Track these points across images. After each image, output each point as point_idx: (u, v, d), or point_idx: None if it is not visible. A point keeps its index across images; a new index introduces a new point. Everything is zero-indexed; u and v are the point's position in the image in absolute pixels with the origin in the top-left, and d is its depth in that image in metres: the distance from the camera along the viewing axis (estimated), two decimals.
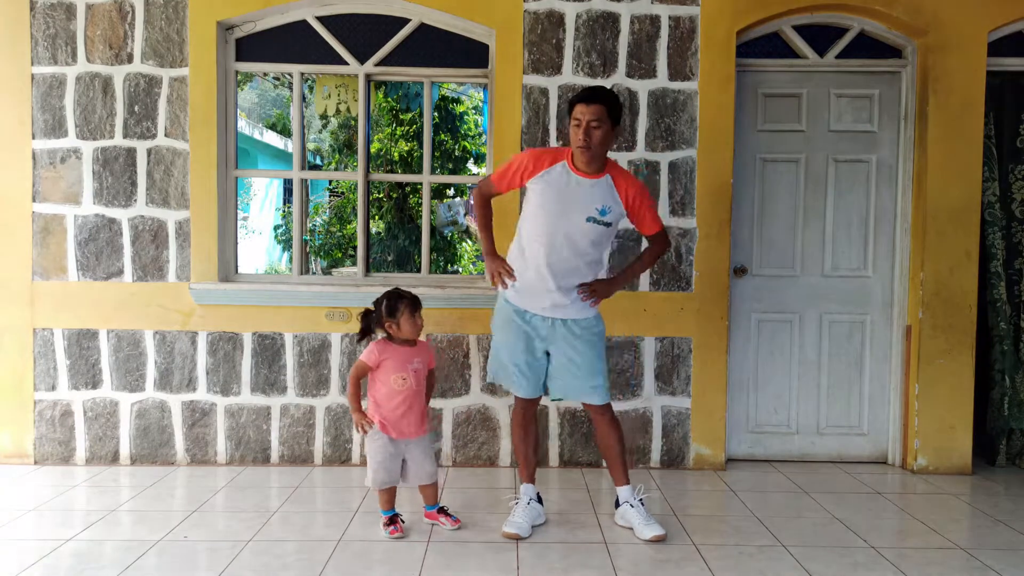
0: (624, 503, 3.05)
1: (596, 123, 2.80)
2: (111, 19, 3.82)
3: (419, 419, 2.99)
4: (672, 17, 3.85)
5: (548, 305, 2.95)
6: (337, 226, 9.50)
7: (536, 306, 2.97)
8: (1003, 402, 3.98)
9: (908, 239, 3.98)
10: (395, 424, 2.95)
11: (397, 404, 2.94)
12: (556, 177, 2.91)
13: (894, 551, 2.85)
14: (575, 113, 2.84)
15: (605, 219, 2.89)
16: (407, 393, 2.94)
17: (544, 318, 2.98)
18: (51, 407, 3.86)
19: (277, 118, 12.91)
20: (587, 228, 2.89)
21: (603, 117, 2.80)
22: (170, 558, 2.70)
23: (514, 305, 3.01)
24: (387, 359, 2.95)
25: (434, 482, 3.06)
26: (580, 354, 2.98)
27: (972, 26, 3.83)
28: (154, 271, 3.87)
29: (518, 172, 2.96)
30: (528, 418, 3.15)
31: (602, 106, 2.81)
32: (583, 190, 2.88)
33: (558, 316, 2.97)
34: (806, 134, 4.04)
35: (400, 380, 2.93)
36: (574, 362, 2.99)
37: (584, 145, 2.82)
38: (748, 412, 4.09)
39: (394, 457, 2.96)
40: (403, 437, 2.96)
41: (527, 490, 3.11)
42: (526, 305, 2.99)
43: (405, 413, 2.95)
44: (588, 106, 2.80)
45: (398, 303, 2.94)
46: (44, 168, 3.83)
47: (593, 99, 2.81)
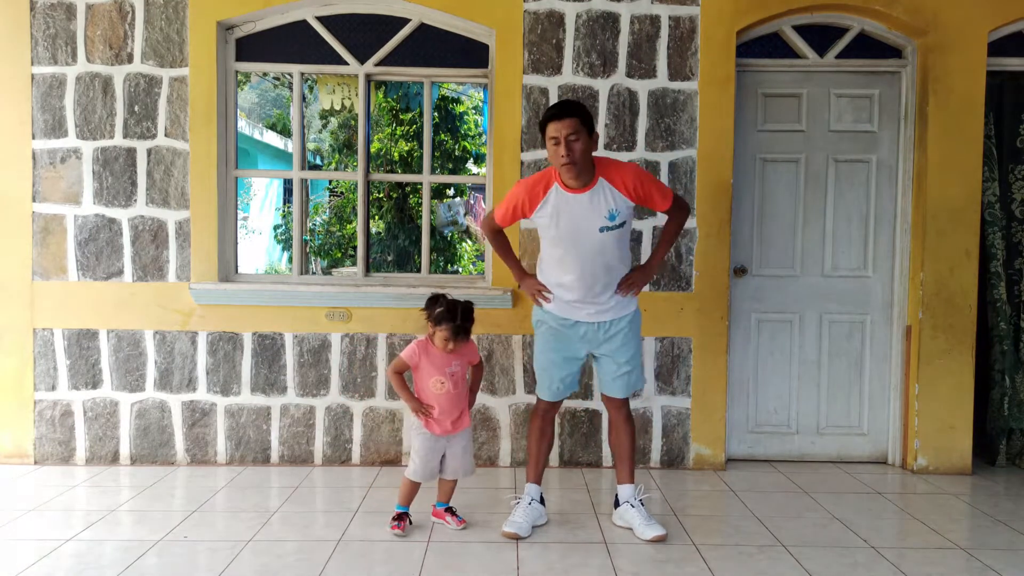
0: (624, 503, 3.05)
1: (574, 136, 2.75)
2: (111, 19, 3.82)
3: (459, 416, 3.01)
4: (672, 17, 3.85)
5: (592, 312, 2.97)
6: (337, 226, 9.50)
7: (579, 315, 2.98)
8: (1003, 402, 3.98)
9: (908, 239, 3.98)
10: (438, 422, 2.97)
11: (437, 406, 2.95)
12: (555, 204, 2.88)
13: (894, 551, 2.85)
14: (550, 132, 2.77)
15: (617, 222, 2.88)
16: (446, 395, 2.95)
17: (590, 323, 2.99)
18: (51, 407, 3.86)
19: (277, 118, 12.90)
20: (603, 237, 2.88)
21: (579, 129, 2.75)
22: (170, 558, 2.71)
23: (557, 315, 3.01)
24: (425, 362, 2.96)
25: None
26: (624, 349, 3.01)
27: (972, 26, 3.83)
28: (154, 271, 3.87)
29: (518, 208, 2.96)
30: (547, 420, 3.16)
31: (575, 118, 2.75)
32: (584, 206, 2.86)
33: (605, 319, 2.98)
34: (806, 134, 4.04)
35: (439, 384, 2.94)
36: (614, 356, 3.01)
37: (568, 161, 2.76)
38: (748, 412, 4.09)
39: (436, 452, 2.99)
40: (445, 433, 2.98)
41: (531, 490, 3.10)
42: (570, 315, 2.99)
43: (446, 413, 2.96)
44: (561, 121, 2.75)
45: (444, 321, 2.89)
46: (44, 168, 3.83)
47: (564, 114, 2.76)
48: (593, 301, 2.95)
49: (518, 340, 3.90)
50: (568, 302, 2.98)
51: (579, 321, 2.99)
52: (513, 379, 3.91)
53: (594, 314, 2.97)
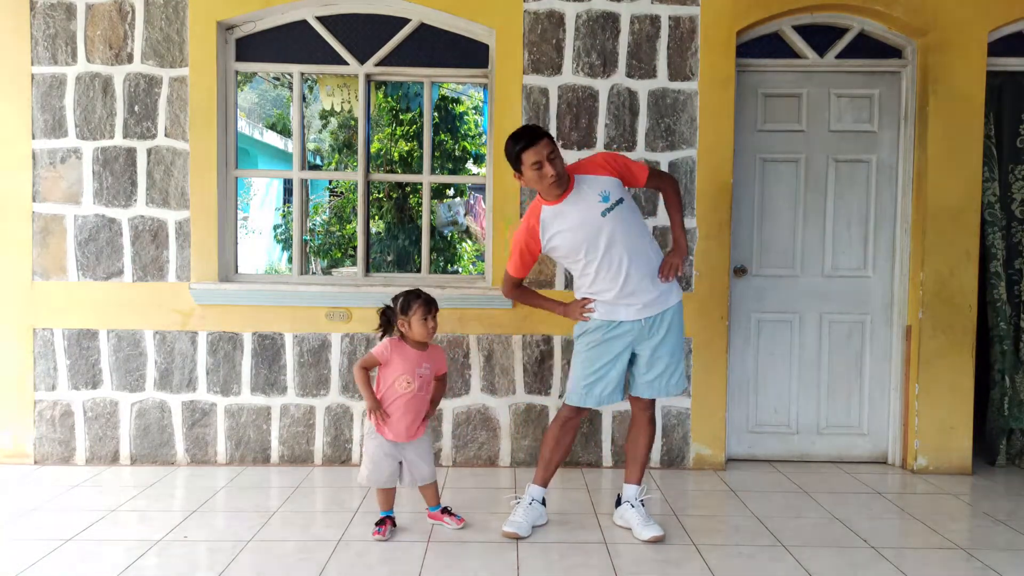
0: (625, 502, 3.05)
1: (552, 154, 2.82)
2: (111, 19, 3.82)
3: (416, 423, 2.97)
4: (672, 17, 3.85)
5: (639, 306, 2.92)
6: (337, 226, 9.49)
7: (627, 314, 2.93)
8: (1003, 402, 3.98)
9: (908, 239, 3.98)
10: (392, 425, 2.93)
11: (398, 406, 2.93)
12: (552, 221, 2.90)
13: (894, 551, 2.85)
14: (529, 159, 2.80)
15: (613, 200, 2.87)
16: (409, 397, 2.93)
17: (635, 321, 2.93)
18: (51, 407, 3.86)
19: (277, 118, 12.90)
20: (610, 220, 2.86)
21: (552, 146, 2.83)
22: (170, 558, 2.71)
23: (604, 320, 2.95)
24: (397, 359, 2.94)
25: (432, 483, 3.05)
26: (669, 345, 2.97)
27: (972, 26, 3.83)
28: (154, 271, 3.87)
29: (525, 251, 2.99)
30: (568, 429, 3.08)
31: (546, 138, 2.83)
32: (576, 205, 2.88)
33: (651, 313, 2.93)
34: (806, 134, 4.04)
35: (405, 383, 2.92)
36: (662, 355, 2.96)
37: (556, 180, 2.83)
38: (748, 412, 4.09)
39: (389, 458, 2.95)
40: (398, 440, 2.95)
41: (534, 491, 3.07)
42: (615, 316, 2.94)
43: (403, 416, 2.93)
44: (536, 146, 2.80)
45: (412, 302, 2.93)
46: (44, 168, 3.84)
47: (536, 137, 2.82)
48: (634, 293, 2.89)
49: (518, 340, 3.90)
50: (610, 302, 2.93)
51: (623, 321, 2.93)
52: (513, 379, 3.91)
53: (639, 309, 2.91)
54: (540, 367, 3.91)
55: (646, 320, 2.93)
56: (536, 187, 2.90)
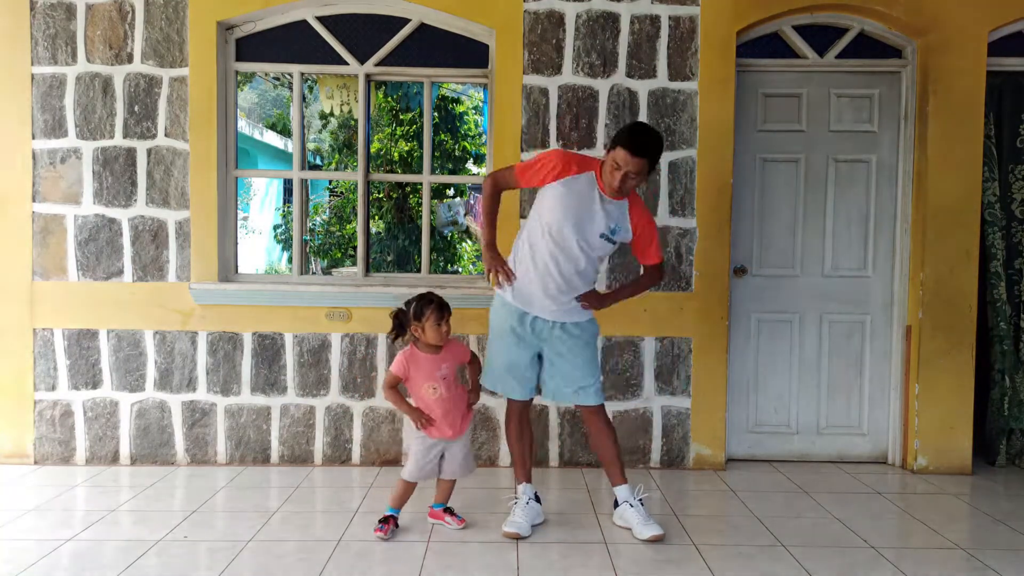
0: (623, 503, 3.05)
1: (635, 176, 2.80)
2: (111, 19, 3.82)
3: (457, 419, 2.99)
4: (672, 17, 3.85)
5: (552, 308, 2.97)
6: (337, 226, 9.50)
7: (540, 309, 2.98)
8: (1003, 402, 3.98)
9: (908, 239, 3.98)
10: (437, 428, 2.95)
11: (435, 411, 2.94)
12: (582, 186, 2.90)
13: (894, 551, 2.85)
14: (617, 155, 2.78)
15: (614, 238, 2.95)
16: (440, 400, 2.94)
17: (545, 320, 2.99)
18: (51, 407, 3.86)
19: (277, 118, 12.90)
20: (598, 243, 2.93)
21: (643, 171, 2.80)
22: (170, 558, 2.70)
23: (516, 307, 3.00)
24: (414, 371, 2.95)
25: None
26: (575, 355, 3.00)
27: (972, 26, 3.83)
28: (154, 271, 3.87)
29: (547, 170, 2.93)
30: (523, 419, 3.17)
31: (646, 160, 2.77)
32: (603, 206, 2.90)
33: (558, 319, 2.99)
34: (806, 134, 4.04)
35: (431, 390, 2.93)
36: (569, 362, 3.00)
37: (618, 193, 2.86)
38: (748, 412, 4.09)
39: (434, 453, 2.99)
40: (443, 437, 2.97)
41: (525, 490, 3.11)
42: (528, 308, 2.99)
43: (443, 417, 2.94)
44: (633, 158, 2.75)
45: (425, 307, 2.92)
46: (44, 168, 3.83)
47: (641, 152, 2.75)
48: (552, 297, 2.94)
49: None
50: (528, 293, 2.96)
51: (536, 317, 2.98)
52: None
53: (552, 312, 2.97)
54: None
55: (554, 323, 2.98)
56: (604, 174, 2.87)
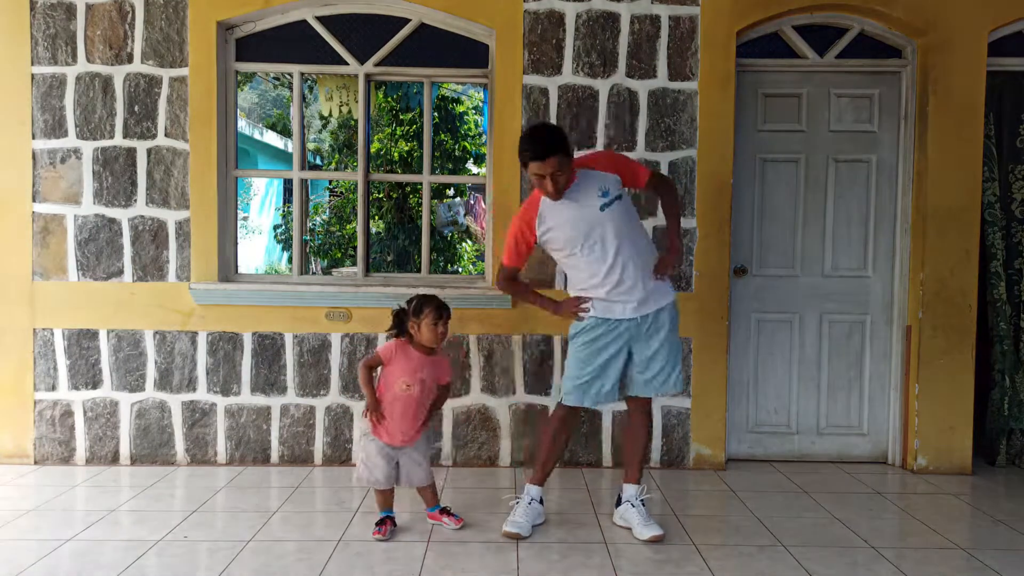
0: (626, 502, 3.05)
1: (558, 172, 2.79)
2: (111, 19, 3.82)
3: (413, 429, 2.96)
4: (672, 17, 3.85)
5: (635, 303, 2.91)
6: (337, 226, 9.50)
7: (622, 311, 2.92)
8: (1003, 402, 3.98)
9: (908, 239, 3.98)
10: (387, 427, 2.94)
11: (395, 408, 2.92)
12: (551, 213, 2.91)
13: (894, 551, 2.85)
14: (533, 170, 2.79)
15: (612, 196, 2.89)
16: (407, 400, 2.92)
17: (630, 320, 2.93)
18: (51, 407, 3.86)
19: (277, 118, 12.90)
20: (608, 216, 2.87)
21: (561, 163, 2.78)
22: (170, 558, 2.70)
23: (599, 318, 2.94)
24: (400, 359, 2.93)
25: (430, 484, 3.05)
26: (664, 342, 2.95)
27: (972, 26, 3.83)
28: (154, 271, 3.87)
29: (521, 239, 2.97)
30: (565, 427, 3.08)
31: (555, 156, 2.76)
32: (576, 200, 2.89)
33: (646, 311, 2.93)
34: (806, 134, 4.04)
35: (404, 385, 2.92)
36: (657, 352, 2.95)
37: (556, 195, 2.84)
38: (748, 412, 4.09)
39: (385, 459, 2.94)
40: (392, 443, 2.95)
41: (532, 491, 3.07)
42: (609, 314, 2.94)
43: (399, 419, 2.93)
44: (543, 162, 2.76)
45: (425, 305, 2.92)
46: (44, 168, 3.84)
47: (545, 153, 2.75)
48: (628, 290, 2.89)
49: (518, 340, 3.90)
50: (604, 299, 2.92)
51: (620, 319, 2.93)
52: (513, 379, 3.91)
53: (635, 307, 2.91)
54: (540, 367, 3.91)
55: (642, 318, 2.93)
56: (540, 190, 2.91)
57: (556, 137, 2.81)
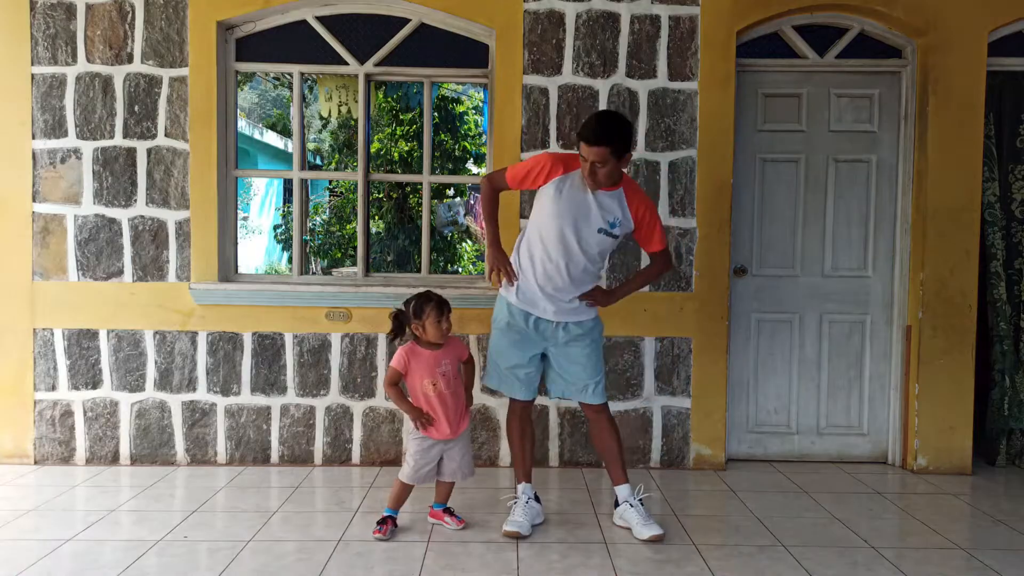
0: (623, 502, 3.05)
1: (600, 163, 2.77)
2: (111, 19, 3.82)
3: (456, 419, 2.97)
4: (672, 17, 3.85)
5: (553, 310, 2.97)
6: (337, 226, 9.50)
7: (544, 310, 2.97)
8: (1003, 402, 3.98)
9: (908, 239, 3.98)
10: (436, 426, 2.94)
11: (434, 407, 2.93)
12: (572, 185, 2.91)
13: (894, 551, 2.85)
14: (581, 150, 2.79)
15: (614, 232, 2.93)
16: (440, 396, 2.93)
17: (549, 320, 2.99)
18: (51, 407, 3.86)
19: (277, 118, 12.90)
20: (597, 239, 2.92)
21: (607, 158, 2.75)
22: (170, 558, 2.70)
23: (519, 308, 3.00)
24: (415, 365, 2.94)
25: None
26: (581, 355, 3.01)
27: (972, 26, 3.83)
28: (154, 271, 3.87)
29: (537, 173, 2.94)
30: (525, 419, 3.17)
31: (605, 148, 2.73)
32: (597, 201, 2.90)
33: (562, 320, 2.99)
34: (806, 134, 4.04)
35: (430, 385, 2.92)
36: (574, 362, 3.02)
37: (591, 183, 2.85)
38: (748, 412, 4.09)
39: (432, 455, 2.97)
40: (443, 438, 2.96)
41: (525, 489, 3.11)
42: (531, 308, 2.99)
43: (442, 415, 2.93)
44: (591, 148, 2.74)
45: (425, 305, 2.92)
46: (44, 168, 3.83)
47: (597, 141, 2.73)
48: (555, 295, 2.94)
49: None
50: (532, 293, 2.96)
51: (539, 318, 2.98)
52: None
53: (554, 313, 2.97)
54: None
55: (558, 324, 2.98)
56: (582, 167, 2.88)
57: (616, 131, 2.77)
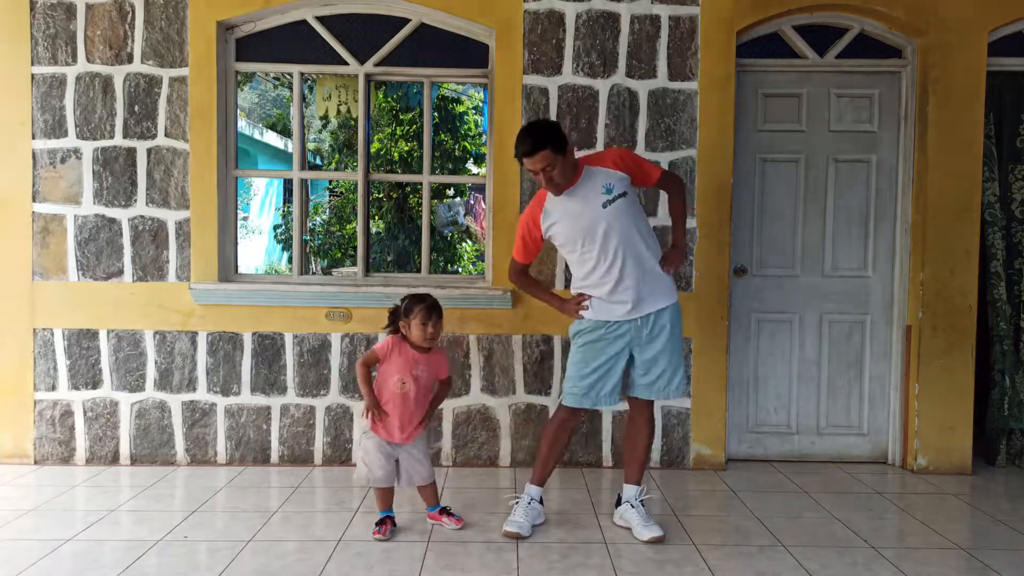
0: (625, 502, 3.05)
1: (550, 167, 2.82)
2: (111, 19, 3.82)
3: (410, 426, 2.95)
4: (672, 17, 3.85)
5: (630, 307, 2.91)
6: (337, 226, 9.50)
7: (618, 313, 2.92)
8: (1003, 402, 3.98)
9: (908, 239, 3.98)
10: (386, 424, 2.93)
11: (393, 405, 2.92)
12: (554, 209, 2.95)
13: (894, 551, 2.85)
14: (526, 165, 2.86)
15: (615, 193, 2.90)
16: (404, 398, 2.91)
17: (630, 322, 2.93)
18: (51, 407, 3.86)
19: (277, 118, 12.90)
20: (611, 213, 2.88)
21: (551, 158, 2.80)
22: (170, 558, 2.70)
23: (597, 320, 2.95)
24: (396, 357, 2.93)
25: (431, 483, 3.05)
26: (667, 346, 2.95)
27: (972, 26, 3.83)
28: (154, 271, 3.87)
29: (528, 235, 3.04)
30: (567, 429, 3.07)
31: (545, 151, 2.78)
32: (579, 196, 2.91)
33: (644, 312, 2.92)
34: (806, 134, 4.04)
35: (400, 383, 2.91)
36: (661, 358, 2.95)
37: (553, 188, 2.90)
38: (748, 412, 4.09)
39: (385, 457, 2.94)
40: (391, 440, 2.95)
41: (532, 491, 3.07)
42: (607, 316, 2.94)
43: (398, 416, 2.92)
44: (532, 158, 2.80)
45: (415, 305, 2.92)
46: (44, 168, 3.84)
47: (535, 148, 2.79)
48: (628, 289, 2.89)
49: (518, 340, 3.89)
50: (605, 299, 2.92)
51: (619, 321, 2.92)
52: (513, 379, 3.91)
53: (631, 309, 2.90)
54: (540, 367, 3.91)
55: (641, 320, 2.93)
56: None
57: (546, 132, 2.83)
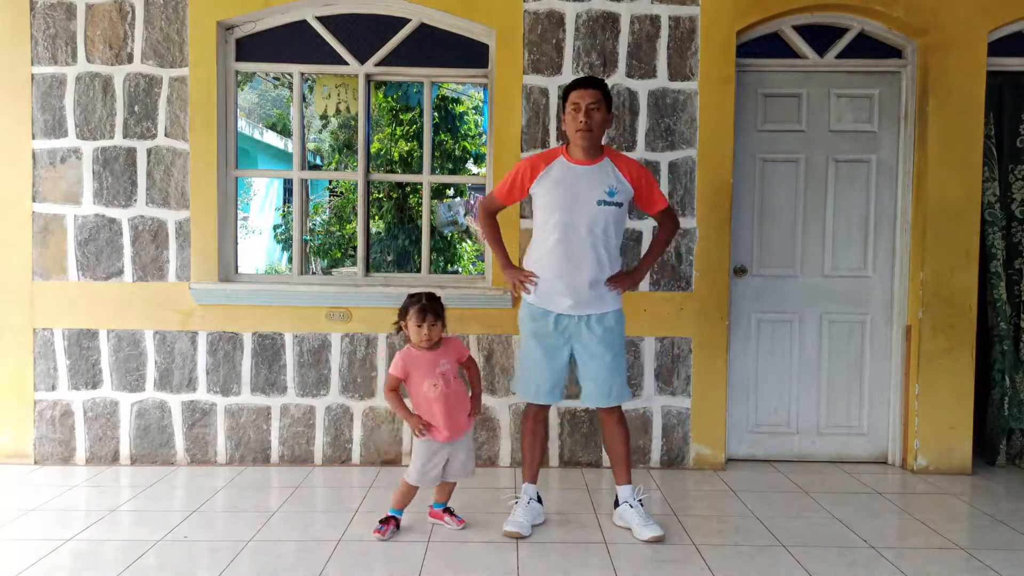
0: (623, 503, 3.06)
1: (594, 105, 2.90)
2: (111, 19, 3.82)
3: (460, 419, 2.95)
4: (672, 17, 3.85)
5: (572, 303, 2.94)
6: (337, 226, 9.50)
7: (560, 305, 2.96)
8: (1003, 402, 3.98)
9: (908, 239, 3.98)
10: (439, 429, 2.91)
11: (436, 409, 2.90)
12: (558, 172, 2.97)
13: (894, 551, 2.86)
14: (572, 98, 2.93)
15: (615, 199, 2.93)
16: (442, 398, 2.90)
17: (569, 317, 2.97)
18: (51, 407, 3.86)
19: (277, 118, 12.90)
20: (600, 212, 2.91)
21: (599, 100, 2.91)
22: (170, 558, 2.71)
23: (538, 307, 3.00)
24: (412, 369, 2.92)
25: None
26: (604, 353, 2.97)
27: (972, 26, 3.83)
28: (154, 271, 3.87)
29: (522, 177, 3.01)
30: (538, 422, 3.14)
31: (598, 90, 2.92)
32: (587, 177, 2.94)
33: (583, 313, 2.96)
34: (806, 134, 4.04)
35: (432, 387, 2.90)
36: (598, 362, 2.97)
37: (585, 127, 2.90)
38: (748, 412, 4.09)
39: (438, 457, 2.95)
40: (445, 440, 2.93)
41: (528, 490, 3.11)
42: (550, 305, 2.97)
43: (445, 416, 2.90)
44: (586, 90, 2.91)
45: (410, 306, 2.91)
46: (44, 168, 3.84)
47: (589, 84, 2.93)
48: (574, 287, 2.92)
49: (518, 340, 3.89)
50: (549, 288, 2.95)
51: (560, 314, 2.97)
52: (513, 379, 3.90)
53: (574, 306, 2.95)
54: None
55: (580, 318, 2.96)
56: (569, 131, 2.97)
57: (605, 84, 2.98)
